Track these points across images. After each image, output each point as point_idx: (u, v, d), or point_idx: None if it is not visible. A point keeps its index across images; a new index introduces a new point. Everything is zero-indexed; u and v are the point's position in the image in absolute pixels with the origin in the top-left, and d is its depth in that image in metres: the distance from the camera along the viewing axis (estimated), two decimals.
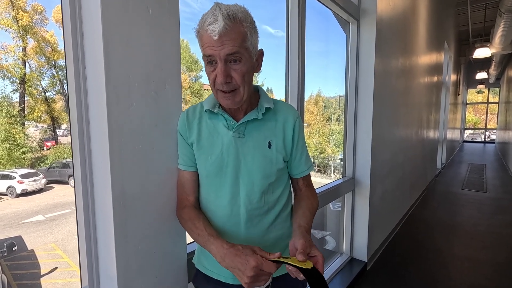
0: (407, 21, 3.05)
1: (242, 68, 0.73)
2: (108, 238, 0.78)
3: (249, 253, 0.66)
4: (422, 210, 4.06)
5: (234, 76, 0.73)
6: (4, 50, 15.95)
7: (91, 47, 0.74)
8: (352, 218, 2.43)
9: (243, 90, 0.76)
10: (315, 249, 0.69)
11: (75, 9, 0.75)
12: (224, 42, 0.69)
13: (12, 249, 5.39)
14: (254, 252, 0.67)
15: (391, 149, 2.87)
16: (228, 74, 0.73)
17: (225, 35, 0.68)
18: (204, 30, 0.70)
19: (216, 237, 0.75)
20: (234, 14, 0.69)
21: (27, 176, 11.54)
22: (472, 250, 2.85)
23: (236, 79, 0.74)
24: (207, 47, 0.71)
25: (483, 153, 11.04)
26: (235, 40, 0.70)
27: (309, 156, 0.95)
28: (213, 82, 0.75)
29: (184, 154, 0.86)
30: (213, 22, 0.68)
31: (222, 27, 0.67)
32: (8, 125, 14.22)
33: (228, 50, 0.70)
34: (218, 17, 0.68)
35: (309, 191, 0.94)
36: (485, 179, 6.15)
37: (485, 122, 17.31)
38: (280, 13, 1.64)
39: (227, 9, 0.69)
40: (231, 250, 0.69)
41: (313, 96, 15.36)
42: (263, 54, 0.81)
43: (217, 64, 0.72)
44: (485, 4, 6.50)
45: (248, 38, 0.73)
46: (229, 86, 0.74)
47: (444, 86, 6.37)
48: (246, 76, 0.75)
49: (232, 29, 0.69)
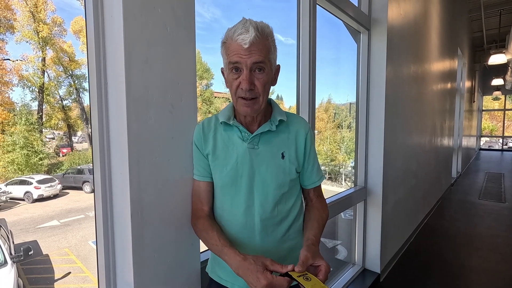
0: (419, 29, 3.04)
1: (265, 78, 0.78)
2: (125, 246, 0.81)
3: (260, 270, 0.68)
4: (438, 220, 3.95)
5: (256, 84, 0.78)
6: (25, 60, 16.67)
7: (113, 64, 0.79)
8: (364, 227, 2.40)
9: (262, 99, 0.80)
10: (320, 258, 0.73)
11: (99, 28, 0.79)
12: (252, 51, 0.74)
13: (28, 253, 5.52)
14: (266, 267, 0.69)
15: (403, 157, 2.83)
16: (252, 82, 0.77)
17: (254, 45, 0.74)
18: (233, 39, 0.75)
19: (229, 247, 0.77)
20: (262, 28, 0.76)
21: (43, 182, 11.88)
22: (490, 262, 2.75)
23: (258, 87, 0.78)
24: (235, 55, 0.76)
25: (501, 162, 10.68)
26: (261, 51, 0.76)
27: (320, 167, 0.97)
28: (235, 89, 0.79)
29: (200, 165, 0.89)
30: (244, 32, 0.74)
31: (253, 37, 0.73)
32: (27, 132, 14.75)
33: (255, 59, 0.75)
34: (250, 29, 0.74)
35: (319, 202, 0.95)
36: (503, 188, 5.94)
37: (502, 129, 16.78)
38: (291, 22, 1.67)
39: (256, 23, 0.76)
40: (243, 263, 0.71)
41: (324, 103, 15.31)
42: (280, 68, 0.86)
43: (241, 72, 0.77)
44: (499, 10, 6.39)
45: (272, 52, 0.79)
46: (251, 94, 0.78)
47: (458, 93, 6.25)
48: (266, 86, 0.80)
49: (261, 40, 0.75)
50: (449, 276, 2.51)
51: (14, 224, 9.41)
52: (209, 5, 22.95)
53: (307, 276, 0.68)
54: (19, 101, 16.16)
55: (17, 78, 16.40)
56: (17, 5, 16.07)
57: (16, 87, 16.54)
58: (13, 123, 15.01)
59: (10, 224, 8.45)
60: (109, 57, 0.80)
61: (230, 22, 4.20)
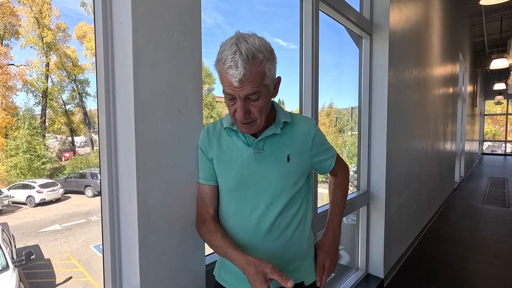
0: (421, 34, 3.06)
1: (260, 103, 0.76)
2: (132, 249, 0.82)
3: (261, 280, 0.71)
4: (441, 225, 3.93)
5: (252, 110, 0.76)
6: (29, 65, 16.85)
7: (121, 69, 0.80)
8: (368, 232, 2.39)
9: (260, 121, 0.79)
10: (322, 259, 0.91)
11: (107, 34, 0.81)
12: (244, 85, 0.71)
13: (30, 257, 5.52)
14: (265, 275, 0.71)
15: (406, 161, 2.82)
16: (247, 111, 0.76)
17: (245, 80, 0.70)
18: (223, 70, 0.71)
19: (233, 249, 0.78)
20: (253, 55, 0.70)
21: (46, 186, 11.92)
22: (496, 268, 2.72)
23: (254, 113, 0.77)
24: (227, 87, 0.73)
25: (504, 166, 10.62)
26: (254, 82, 0.72)
27: (331, 147, 0.98)
28: (232, 113, 0.79)
29: (205, 168, 0.90)
30: (234, 67, 0.69)
31: (242, 75, 0.69)
32: (30, 137, 14.84)
33: (247, 92, 0.72)
34: (239, 64, 0.69)
35: (335, 179, 1.04)
36: (507, 193, 5.90)
37: (505, 133, 16.72)
38: (292, 27, 1.68)
39: (247, 50, 0.69)
40: (247, 267, 0.74)
41: (325, 107, 15.33)
42: (281, 80, 0.84)
43: (237, 100, 0.75)
44: (500, 15, 6.42)
45: (267, 75, 0.74)
46: (248, 119, 0.77)
47: (461, 97, 6.25)
48: (264, 109, 0.78)
49: (252, 72, 0.71)
50: (454, 281, 2.49)
51: (16, 228, 9.42)
52: (211, 10, 23.17)
53: None
54: (23, 106, 16.31)
55: (21, 83, 16.57)
56: (22, 11, 16.30)
57: (20, 91, 16.70)
58: (16, 127, 15.12)
59: (12, 228, 8.47)
60: (117, 62, 0.81)
61: (232, 27, 4.17)
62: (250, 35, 0.73)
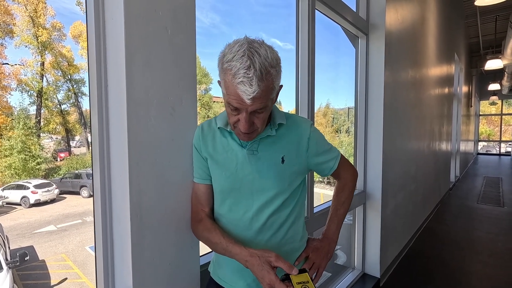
0: (417, 34, 3.07)
1: (265, 115, 0.75)
2: (125, 250, 0.80)
3: (267, 269, 0.70)
4: (437, 224, 3.95)
5: (256, 122, 0.74)
6: (24, 65, 16.68)
7: (114, 66, 0.79)
8: (364, 232, 2.39)
9: (261, 129, 0.78)
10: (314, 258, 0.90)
11: (100, 30, 0.79)
12: (254, 101, 0.67)
13: (24, 259, 5.45)
14: (270, 263, 0.71)
15: (402, 161, 2.83)
16: (252, 123, 0.73)
17: (257, 97, 0.67)
18: (233, 84, 0.66)
19: (234, 243, 0.78)
20: (267, 71, 0.66)
21: (40, 187, 11.79)
22: (490, 267, 2.74)
23: (257, 124, 0.75)
24: (234, 100, 0.69)
25: (499, 166, 10.72)
26: (264, 98, 0.69)
27: (334, 149, 0.95)
28: (234, 122, 0.75)
29: (199, 167, 0.89)
30: (247, 84, 0.65)
31: (256, 93, 0.65)
32: (25, 137, 14.69)
33: (256, 107, 0.69)
34: (253, 81, 0.64)
35: (338, 183, 1.01)
36: (501, 192, 5.95)
37: (499, 134, 16.89)
38: (289, 27, 1.68)
39: (260, 66, 0.65)
40: (250, 259, 0.73)
41: (322, 107, 15.38)
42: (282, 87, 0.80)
43: (240, 111, 0.71)
44: (495, 16, 6.48)
45: (275, 88, 0.72)
46: (250, 130, 0.74)
47: (456, 97, 6.29)
48: (266, 119, 0.77)
49: (264, 89, 0.67)
50: (450, 280, 2.50)
51: (10, 229, 9.31)
52: (208, 10, 23.13)
53: (305, 285, 0.68)
54: (17, 106, 16.14)
55: (16, 83, 16.40)
56: (16, 10, 16.14)
57: (15, 91, 16.53)
58: (10, 127, 14.96)
59: (6, 229, 8.37)
60: (109, 59, 0.80)
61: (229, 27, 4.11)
62: (261, 44, 0.68)
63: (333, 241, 0.96)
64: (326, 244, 0.95)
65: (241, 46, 0.66)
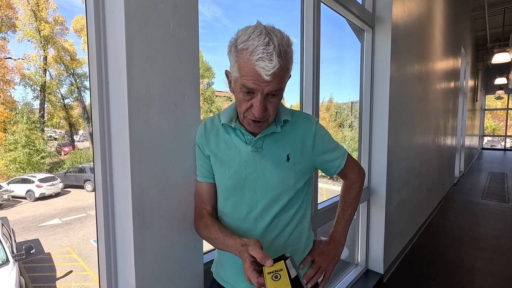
0: (423, 27, 3.00)
1: (277, 101, 0.73)
2: (127, 249, 0.79)
3: (244, 257, 0.68)
4: (441, 220, 3.92)
5: (269, 108, 0.72)
6: (27, 59, 16.67)
7: (114, 61, 0.76)
8: (368, 228, 2.38)
9: (271, 119, 0.76)
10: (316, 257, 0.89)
11: (100, 24, 0.77)
12: (273, 79, 0.66)
13: (30, 252, 5.53)
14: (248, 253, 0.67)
15: (407, 157, 2.80)
16: (266, 108, 0.71)
17: (275, 75, 0.66)
18: (250, 61, 0.65)
19: (230, 236, 0.76)
20: (285, 50, 0.66)
21: (45, 181, 11.90)
22: (495, 263, 2.72)
23: (270, 111, 0.73)
24: (251, 80, 0.67)
25: (504, 161, 10.61)
26: (281, 78, 0.68)
27: (340, 147, 0.92)
28: (245, 109, 0.73)
29: (202, 166, 0.87)
30: (267, 59, 0.63)
31: (276, 68, 0.64)
32: (29, 131, 14.77)
33: (273, 88, 0.68)
34: (273, 57, 0.63)
35: (345, 182, 0.99)
36: (507, 188, 5.90)
37: (505, 128, 16.70)
38: (292, 20, 1.64)
39: (279, 43, 0.65)
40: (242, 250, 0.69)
41: (325, 102, 15.28)
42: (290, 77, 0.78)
43: (254, 95, 0.70)
44: (503, 8, 6.33)
45: (289, 71, 0.72)
46: (262, 117, 0.73)
47: (461, 92, 6.20)
48: (277, 106, 0.75)
49: (282, 67, 0.66)
50: (454, 277, 2.49)
51: (16, 223, 9.43)
52: (210, 3, 22.91)
53: (277, 273, 0.63)
54: (21, 100, 16.19)
55: (19, 77, 16.42)
56: (19, 4, 16.07)
57: (18, 85, 16.57)
58: (14, 121, 15.04)
59: (12, 223, 8.47)
60: (110, 55, 0.78)
61: (231, 20, 4.05)
62: (274, 28, 0.68)
63: (340, 244, 0.93)
64: (333, 247, 0.92)
65: (255, 28, 0.67)
